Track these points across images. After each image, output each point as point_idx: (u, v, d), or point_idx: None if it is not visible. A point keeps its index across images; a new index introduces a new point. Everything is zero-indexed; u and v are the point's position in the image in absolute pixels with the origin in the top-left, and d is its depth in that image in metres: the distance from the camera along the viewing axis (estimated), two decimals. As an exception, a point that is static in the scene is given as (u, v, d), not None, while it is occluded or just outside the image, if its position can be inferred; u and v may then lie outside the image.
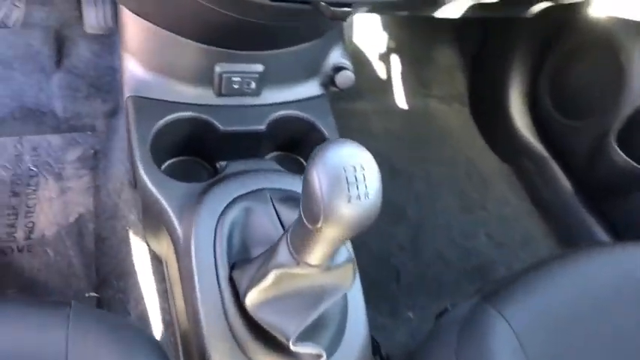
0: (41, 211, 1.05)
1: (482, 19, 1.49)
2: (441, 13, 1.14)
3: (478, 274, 1.26)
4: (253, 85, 0.85)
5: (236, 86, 0.84)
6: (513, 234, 1.37)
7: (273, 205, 0.71)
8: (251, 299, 0.60)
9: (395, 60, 1.55)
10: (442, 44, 1.58)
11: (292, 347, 0.57)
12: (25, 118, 1.17)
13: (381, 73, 1.53)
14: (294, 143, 0.93)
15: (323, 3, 0.59)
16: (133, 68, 0.82)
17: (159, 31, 0.77)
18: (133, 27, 0.79)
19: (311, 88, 0.93)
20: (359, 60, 1.50)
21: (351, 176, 0.44)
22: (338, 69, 0.93)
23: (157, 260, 0.94)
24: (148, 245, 0.95)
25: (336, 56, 0.94)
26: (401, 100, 1.54)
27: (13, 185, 1.08)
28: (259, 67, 0.84)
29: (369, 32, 1.51)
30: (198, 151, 0.89)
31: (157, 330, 0.88)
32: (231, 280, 0.66)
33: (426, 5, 1.10)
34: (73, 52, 1.23)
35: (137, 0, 0.72)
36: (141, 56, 0.82)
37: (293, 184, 0.76)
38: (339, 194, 0.44)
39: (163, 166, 0.87)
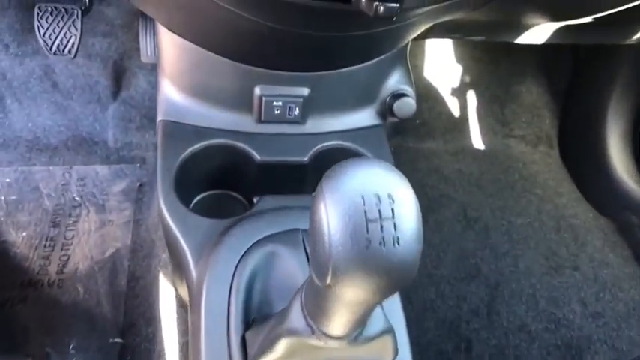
0: (78, 244, 0.99)
1: (573, 47, 1.31)
2: (523, 39, 0.99)
3: (569, 350, 1.04)
4: (297, 111, 0.74)
5: (277, 112, 0.74)
6: (614, 303, 1.12)
7: (305, 249, 0.58)
8: (259, 372, 0.46)
9: (471, 96, 1.39)
10: (525, 77, 1.41)
11: None
12: (77, 147, 1.15)
13: (455, 110, 1.38)
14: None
15: (364, -4, 0.47)
16: (168, 91, 0.75)
17: (193, 49, 0.69)
18: (169, 46, 0.72)
19: (365, 117, 0.81)
20: (430, 95, 1.36)
21: (373, 210, 0.29)
22: (397, 96, 0.80)
23: (183, 307, 0.83)
24: (176, 289, 0.85)
25: (395, 81, 0.82)
26: (477, 140, 1.37)
27: (54, 215, 1.04)
28: (305, 91, 0.73)
29: (441, 65, 1.38)
30: (235, 185, 0.79)
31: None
32: (245, 341, 0.53)
33: (502, 30, 0.95)
34: (131, 82, 1.21)
35: (165, 11, 0.65)
36: (176, 78, 0.74)
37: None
38: (354, 236, 0.29)
39: (195, 200, 0.78)
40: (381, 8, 0.47)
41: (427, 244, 1.12)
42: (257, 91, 0.72)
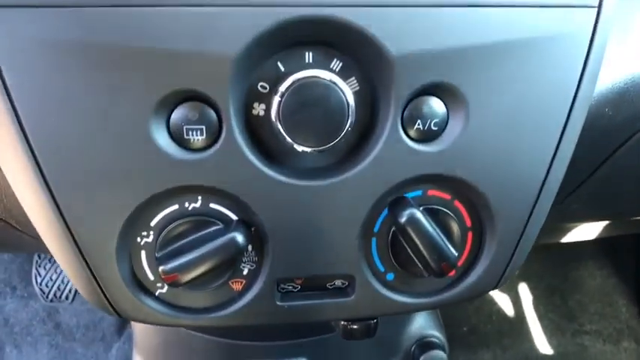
0: None
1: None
2: (571, 237, 0.83)
3: None
4: (295, 386, 0.59)
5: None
6: None
7: None
8: None
9: (523, 289, 1.20)
10: (583, 260, 1.21)
11: None
12: (73, 401, 1.02)
13: (508, 310, 1.18)
14: None
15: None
16: (141, 372, 0.62)
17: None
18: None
19: (384, 379, 0.64)
20: (474, 294, 1.18)
21: None
22: (423, 346, 0.64)
23: None
24: None
25: (419, 325, 0.66)
26: (542, 343, 1.14)
27: None
28: (303, 362, 0.59)
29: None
30: None
31: None
32: None
33: (545, 233, 0.80)
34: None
35: None
36: (150, 355, 0.62)
37: None
38: None
39: None
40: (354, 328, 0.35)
41: None
42: (246, 369, 0.58)
